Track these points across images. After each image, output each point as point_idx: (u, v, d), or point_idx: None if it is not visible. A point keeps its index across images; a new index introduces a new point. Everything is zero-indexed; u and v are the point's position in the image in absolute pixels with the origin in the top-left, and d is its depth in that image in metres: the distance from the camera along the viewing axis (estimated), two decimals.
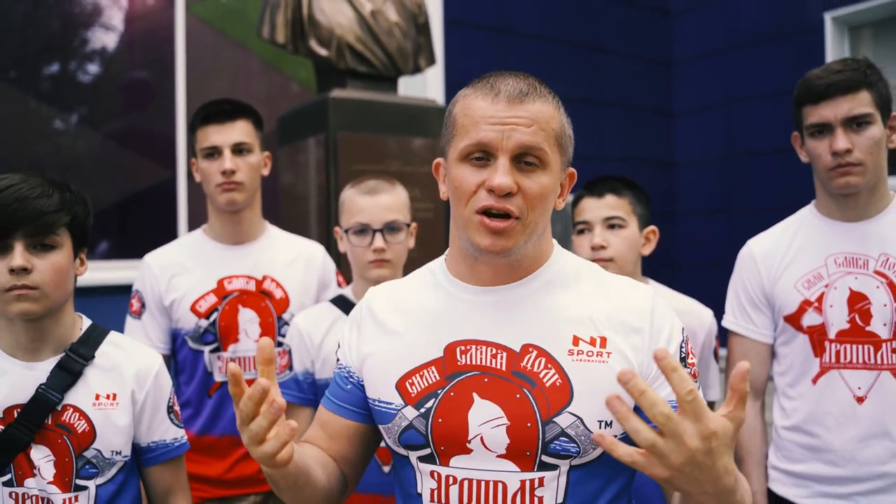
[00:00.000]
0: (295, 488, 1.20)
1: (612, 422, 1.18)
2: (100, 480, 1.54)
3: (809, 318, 1.89)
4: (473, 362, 1.24)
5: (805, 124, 1.88)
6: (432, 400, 1.23)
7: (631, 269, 2.08)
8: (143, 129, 5.33)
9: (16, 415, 1.48)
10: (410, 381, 1.26)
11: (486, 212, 1.19)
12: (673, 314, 1.29)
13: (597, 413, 1.18)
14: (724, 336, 2.16)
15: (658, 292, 2.04)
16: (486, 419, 1.20)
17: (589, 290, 1.28)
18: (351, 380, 1.36)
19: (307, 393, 2.05)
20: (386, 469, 1.96)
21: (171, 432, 1.68)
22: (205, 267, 2.33)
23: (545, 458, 1.18)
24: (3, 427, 1.47)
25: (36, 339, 1.52)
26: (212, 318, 2.27)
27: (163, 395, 1.67)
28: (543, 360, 1.21)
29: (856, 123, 1.80)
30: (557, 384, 1.19)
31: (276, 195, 3.98)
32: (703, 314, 2.14)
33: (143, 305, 2.31)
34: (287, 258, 2.40)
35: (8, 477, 1.47)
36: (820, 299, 1.88)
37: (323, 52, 3.63)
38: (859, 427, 1.82)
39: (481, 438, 1.20)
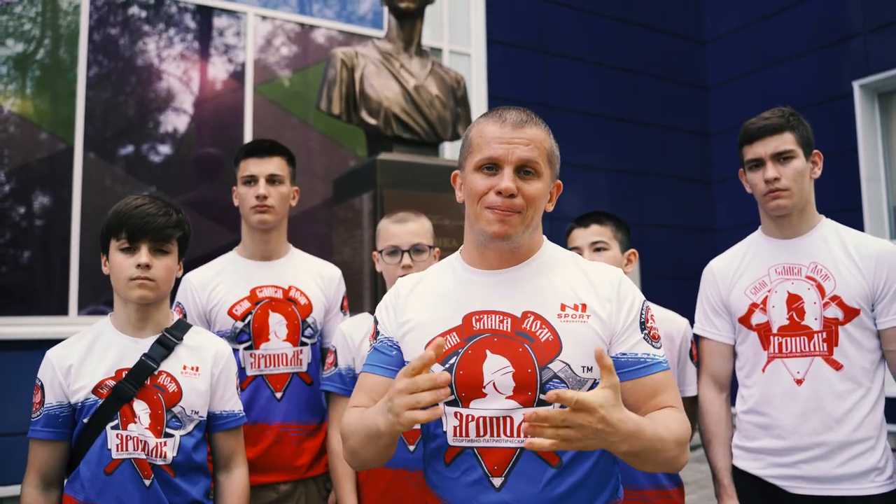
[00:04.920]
0: (384, 450, 1.56)
1: (592, 367, 1.55)
2: (182, 432, 2.02)
3: (756, 318, 2.29)
4: (485, 327, 1.60)
5: (744, 161, 2.34)
6: (454, 357, 1.58)
7: None
8: (212, 198, 5.98)
9: (124, 375, 1.98)
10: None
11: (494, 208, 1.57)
12: (636, 289, 1.67)
13: (581, 360, 1.55)
14: None
15: None
16: (496, 369, 1.55)
17: (572, 271, 1.66)
18: (394, 347, 1.70)
19: (349, 385, 2.47)
20: (411, 448, 2.32)
21: (237, 405, 2.17)
22: (239, 278, 2.69)
23: (542, 397, 1.52)
24: (114, 383, 1.96)
25: (142, 319, 2.05)
26: (246, 321, 2.61)
27: (232, 373, 2.17)
28: (539, 322, 1.58)
29: (782, 158, 2.26)
30: (550, 340, 1.56)
31: (331, 242, 4.48)
32: (679, 322, 2.52)
33: (184, 315, 2.65)
34: (310, 273, 2.80)
35: (116, 422, 1.96)
36: (764, 302, 2.28)
37: (372, 121, 4.16)
38: (799, 404, 2.20)
39: (493, 384, 1.54)
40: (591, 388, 1.55)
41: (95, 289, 5.32)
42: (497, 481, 1.53)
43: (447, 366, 1.59)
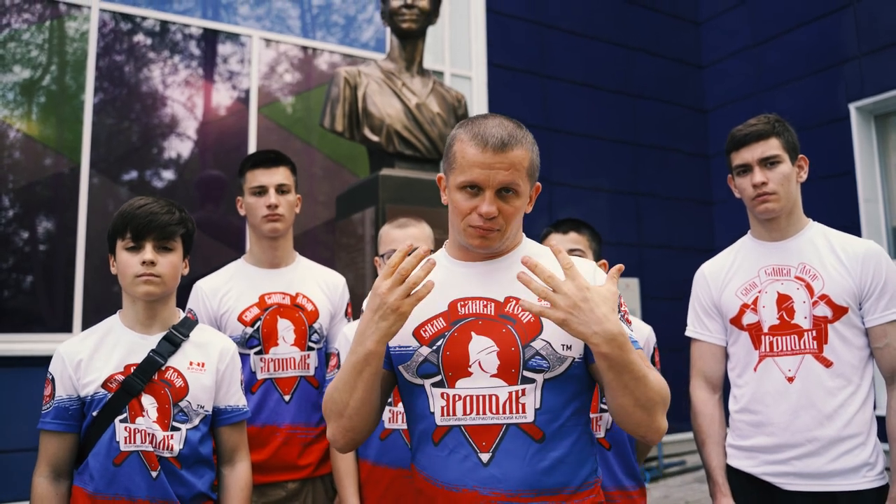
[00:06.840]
0: (371, 384, 1.61)
1: (571, 345, 1.63)
2: (189, 426, 2.08)
3: (748, 318, 2.35)
4: (470, 311, 1.69)
5: (732, 166, 2.42)
6: (441, 339, 1.66)
7: None
8: (216, 219, 6.08)
9: (132, 370, 2.04)
10: (424, 328, 1.69)
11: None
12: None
13: (560, 339, 1.63)
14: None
15: None
16: (482, 348, 1.63)
17: (549, 264, 1.72)
18: None
19: None
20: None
21: (241, 400, 2.23)
22: (248, 286, 2.78)
23: (525, 374, 1.61)
24: (123, 377, 2.02)
25: (150, 316, 2.11)
26: (256, 326, 2.70)
27: (236, 369, 2.23)
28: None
29: (769, 163, 2.33)
30: (531, 320, 1.65)
31: (333, 264, 4.54)
32: (643, 329, 2.57)
33: (196, 321, 2.70)
34: (315, 280, 2.89)
35: (124, 415, 2.02)
36: (755, 302, 2.34)
37: (375, 138, 4.25)
38: (790, 401, 2.25)
39: (479, 363, 1.63)
40: (571, 366, 1.64)
41: (99, 309, 5.37)
42: (485, 457, 1.60)
43: (434, 348, 1.67)
